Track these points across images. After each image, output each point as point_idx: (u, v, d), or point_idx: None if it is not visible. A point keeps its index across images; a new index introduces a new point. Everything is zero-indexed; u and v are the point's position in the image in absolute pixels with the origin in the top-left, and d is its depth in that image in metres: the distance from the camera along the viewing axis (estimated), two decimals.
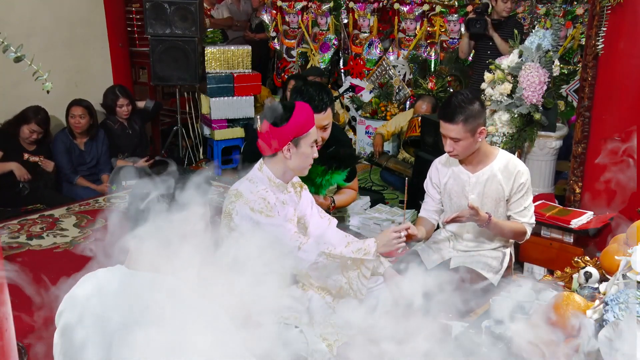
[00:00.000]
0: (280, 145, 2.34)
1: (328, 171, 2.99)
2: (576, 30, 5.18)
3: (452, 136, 2.63)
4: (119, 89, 5.13)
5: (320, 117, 2.79)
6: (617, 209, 3.18)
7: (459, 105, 2.59)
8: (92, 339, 1.32)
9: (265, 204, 2.34)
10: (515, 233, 2.79)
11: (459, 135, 2.61)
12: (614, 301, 1.42)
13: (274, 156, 2.40)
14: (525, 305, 2.13)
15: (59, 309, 1.43)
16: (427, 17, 6.07)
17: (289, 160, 2.38)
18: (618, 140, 3.24)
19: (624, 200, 3.14)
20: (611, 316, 1.41)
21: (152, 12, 5.16)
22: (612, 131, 3.37)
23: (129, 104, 5.11)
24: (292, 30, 6.75)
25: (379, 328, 2.02)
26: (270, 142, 2.35)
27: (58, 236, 4.09)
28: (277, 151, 2.37)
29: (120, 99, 5.07)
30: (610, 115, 3.45)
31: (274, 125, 2.33)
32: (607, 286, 1.57)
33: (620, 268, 1.56)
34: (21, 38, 2.30)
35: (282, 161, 2.39)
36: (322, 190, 3.03)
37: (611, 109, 3.44)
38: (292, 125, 2.32)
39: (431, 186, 2.91)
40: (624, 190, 3.12)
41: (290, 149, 2.36)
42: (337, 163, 3.01)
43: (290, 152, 2.36)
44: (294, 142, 2.35)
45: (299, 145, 2.36)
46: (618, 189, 3.17)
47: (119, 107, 5.08)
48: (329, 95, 2.85)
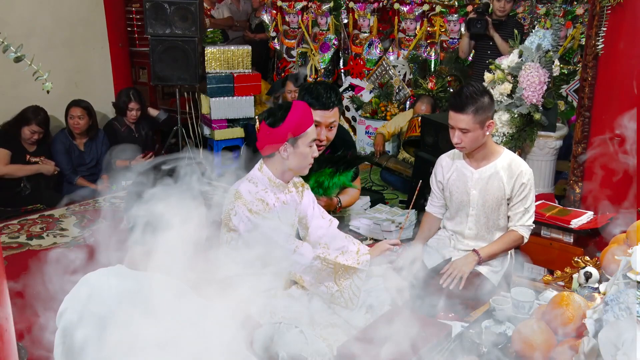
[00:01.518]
0: (277, 146, 2.34)
1: (336, 174, 2.99)
2: (576, 30, 5.18)
3: (461, 127, 2.62)
4: (133, 93, 5.15)
5: (328, 114, 2.79)
6: (617, 209, 3.18)
7: (470, 96, 2.59)
8: (93, 339, 1.32)
9: (263, 205, 2.34)
10: (511, 245, 2.81)
11: (468, 126, 2.60)
12: (614, 301, 1.42)
13: (272, 156, 2.39)
14: (525, 305, 2.13)
15: (59, 309, 1.43)
16: (427, 17, 6.07)
17: (287, 160, 2.37)
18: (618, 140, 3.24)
19: (623, 200, 3.14)
20: (611, 316, 1.41)
21: (152, 12, 5.16)
22: (612, 131, 3.37)
23: (139, 109, 5.13)
24: (292, 30, 6.75)
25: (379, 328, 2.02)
26: (266, 142, 2.35)
27: (58, 236, 4.09)
28: (274, 151, 2.37)
29: (132, 103, 5.08)
30: (610, 115, 3.45)
31: (270, 126, 2.33)
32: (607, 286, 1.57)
33: (620, 268, 1.56)
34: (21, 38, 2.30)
35: (281, 161, 2.39)
36: (330, 191, 3.04)
37: (611, 109, 3.44)
38: (287, 125, 2.31)
39: (435, 183, 2.94)
40: (623, 190, 3.12)
41: (287, 148, 2.35)
42: (344, 165, 3.02)
43: (288, 151, 2.35)
44: (290, 142, 2.34)
45: (296, 144, 2.35)
46: (618, 189, 3.17)
47: (129, 110, 5.09)
48: (337, 94, 2.85)
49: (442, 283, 2.68)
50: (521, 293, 2.18)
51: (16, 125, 4.58)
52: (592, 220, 3.41)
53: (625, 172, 3.24)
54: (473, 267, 2.71)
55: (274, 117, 2.33)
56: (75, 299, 1.41)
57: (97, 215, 4.44)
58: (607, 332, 1.38)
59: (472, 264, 2.71)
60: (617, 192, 3.18)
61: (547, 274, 3.05)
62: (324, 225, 2.62)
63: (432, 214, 2.99)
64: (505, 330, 2.05)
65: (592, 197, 3.57)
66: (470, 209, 2.80)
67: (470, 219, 2.82)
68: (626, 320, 1.35)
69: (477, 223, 2.81)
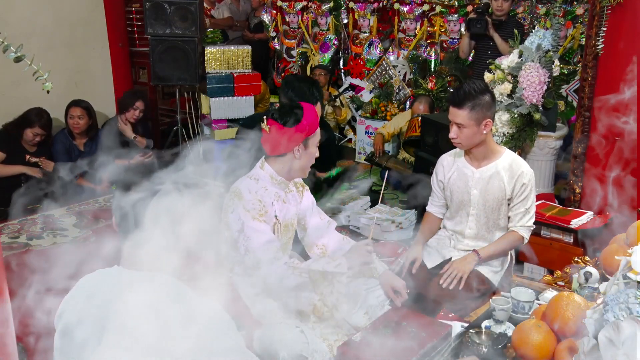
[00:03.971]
0: (291, 146, 2.34)
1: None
2: (576, 30, 5.18)
3: (457, 122, 2.64)
4: (140, 94, 5.13)
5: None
6: (617, 209, 3.18)
7: (469, 92, 2.62)
8: (92, 339, 1.32)
9: (260, 206, 2.33)
10: (511, 246, 2.82)
11: (463, 121, 2.62)
12: (614, 301, 1.42)
13: (281, 156, 2.38)
14: (525, 305, 2.13)
15: (58, 310, 1.43)
16: (427, 17, 6.07)
17: (297, 160, 2.38)
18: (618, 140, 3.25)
19: (624, 200, 3.14)
20: (611, 316, 1.40)
21: (152, 12, 5.16)
22: (612, 131, 3.37)
23: (142, 111, 5.11)
24: (292, 30, 6.75)
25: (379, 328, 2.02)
26: (280, 141, 2.32)
27: (58, 236, 4.09)
28: (287, 151, 2.36)
29: (138, 102, 5.05)
30: (610, 115, 3.45)
31: (285, 125, 2.32)
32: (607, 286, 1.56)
33: (620, 268, 1.56)
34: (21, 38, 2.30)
35: (290, 161, 2.38)
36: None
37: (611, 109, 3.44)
38: (303, 125, 2.32)
39: (436, 182, 2.94)
40: (623, 190, 3.12)
41: (300, 149, 2.36)
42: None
43: (300, 152, 2.36)
44: (304, 143, 2.35)
45: (307, 145, 2.37)
46: (618, 189, 3.17)
47: (133, 109, 5.06)
48: (319, 90, 2.92)
49: (442, 283, 2.68)
50: (521, 293, 2.18)
51: (18, 127, 4.57)
52: (592, 220, 3.42)
53: (625, 172, 3.24)
54: (473, 267, 2.72)
55: (288, 117, 2.31)
56: (73, 301, 1.41)
57: (97, 215, 4.45)
58: (607, 332, 1.38)
59: (472, 264, 2.71)
60: (617, 192, 3.18)
61: (547, 274, 3.05)
62: (322, 226, 2.63)
63: (433, 213, 2.99)
64: (505, 330, 2.05)
65: (592, 197, 3.57)
66: (471, 208, 2.80)
67: (470, 219, 2.82)
68: (626, 320, 1.35)
69: (478, 223, 2.81)
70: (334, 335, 2.32)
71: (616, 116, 3.40)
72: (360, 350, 1.89)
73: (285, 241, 2.48)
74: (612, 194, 3.15)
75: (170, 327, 1.30)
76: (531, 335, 1.76)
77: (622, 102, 3.35)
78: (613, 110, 3.41)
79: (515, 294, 2.16)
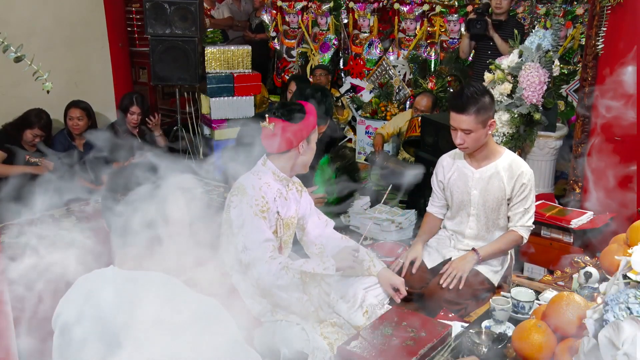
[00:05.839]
0: (297, 142, 2.38)
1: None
2: (576, 30, 5.18)
3: (463, 127, 2.62)
4: (137, 97, 5.07)
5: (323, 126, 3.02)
6: (617, 209, 3.18)
7: (471, 97, 2.59)
8: (91, 340, 1.32)
9: (263, 202, 2.35)
10: (510, 245, 2.82)
11: (470, 126, 2.60)
12: (614, 301, 1.42)
13: (284, 152, 2.41)
14: (525, 305, 2.14)
15: (55, 312, 1.43)
16: (427, 17, 6.06)
17: (301, 156, 2.43)
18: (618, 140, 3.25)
19: (623, 200, 3.15)
20: (611, 316, 1.40)
21: (152, 12, 5.16)
22: (612, 131, 3.37)
23: (139, 115, 5.07)
24: (292, 30, 6.75)
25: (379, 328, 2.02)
26: (285, 138, 2.36)
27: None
28: (291, 147, 2.39)
29: (133, 107, 5.01)
30: (610, 115, 3.45)
31: (290, 122, 2.35)
32: (607, 286, 1.56)
33: (620, 268, 1.56)
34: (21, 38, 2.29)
35: (293, 157, 2.43)
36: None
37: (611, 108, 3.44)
38: (307, 121, 2.38)
39: (436, 183, 2.94)
40: (623, 190, 3.12)
41: (304, 144, 2.41)
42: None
43: (304, 147, 2.41)
44: (307, 138, 2.41)
45: (310, 140, 2.43)
46: (618, 189, 3.17)
47: (130, 114, 5.04)
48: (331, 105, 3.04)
49: (442, 283, 2.68)
50: (521, 293, 2.18)
51: (18, 127, 4.57)
52: (592, 220, 3.42)
53: (626, 172, 3.24)
54: (472, 266, 2.72)
55: (293, 114, 2.36)
56: (70, 301, 1.41)
57: (96, 215, 4.44)
58: (607, 332, 1.38)
59: (472, 263, 2.71)
60: (617, 192, 3.18)
61: (547, 274, 3.05)
62: (320, 226, 2.65)
63: (433, 214, 3.00)
64: (505, 330, 2.05)
65: (592, 197, 3.57)
66: (471, 208, 2.80)
67: (471, 219, 2.82)
68: (626, 320, 1.35)
69: (478, 223, 2.82)
70: (334, 334, 2.32)
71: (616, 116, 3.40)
72: (360, 350, 1.89)
73: (286, 239, 2.50)
74: (612, 194, 3.15)
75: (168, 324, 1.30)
76: (531, 335, 1.76)
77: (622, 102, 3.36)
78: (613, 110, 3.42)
79: (515, 294, 2.17)
